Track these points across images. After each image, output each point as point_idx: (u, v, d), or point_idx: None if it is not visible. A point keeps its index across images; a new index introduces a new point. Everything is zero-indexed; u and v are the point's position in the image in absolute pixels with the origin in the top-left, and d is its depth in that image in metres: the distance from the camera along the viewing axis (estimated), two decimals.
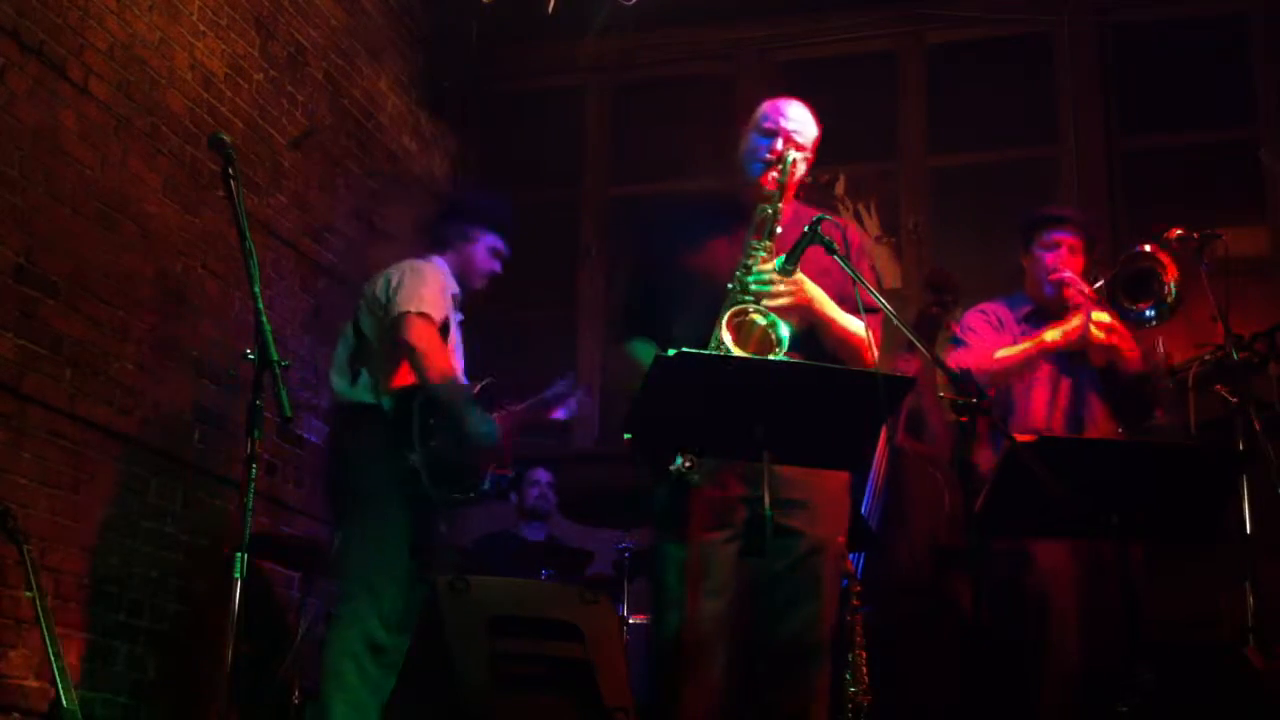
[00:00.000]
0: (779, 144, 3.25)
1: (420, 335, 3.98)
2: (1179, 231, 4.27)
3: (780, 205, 3.14)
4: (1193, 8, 6.53)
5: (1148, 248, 4.15)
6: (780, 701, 3.00)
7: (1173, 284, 4.05)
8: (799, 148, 3.26)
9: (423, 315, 4.02)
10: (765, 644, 2.99)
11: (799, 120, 3.31)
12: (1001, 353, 4.02)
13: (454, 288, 4.29)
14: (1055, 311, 4.09)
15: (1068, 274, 4.08)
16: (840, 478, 3.23)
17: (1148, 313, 4.06)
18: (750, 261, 3.09)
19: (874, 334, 3.11)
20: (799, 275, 3.07)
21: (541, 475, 5.93)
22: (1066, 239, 4.16)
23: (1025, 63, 6.75)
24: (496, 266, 4.42)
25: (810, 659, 3.07)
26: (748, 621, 3.13)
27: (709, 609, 3.04)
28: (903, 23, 6.88)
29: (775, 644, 2.98)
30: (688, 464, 2.98)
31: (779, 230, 3.13)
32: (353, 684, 3.78)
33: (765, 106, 3.37)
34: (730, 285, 3.08)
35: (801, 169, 3.27)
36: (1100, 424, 4.02)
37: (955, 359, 4.05)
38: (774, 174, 3.20)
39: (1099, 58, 6.60)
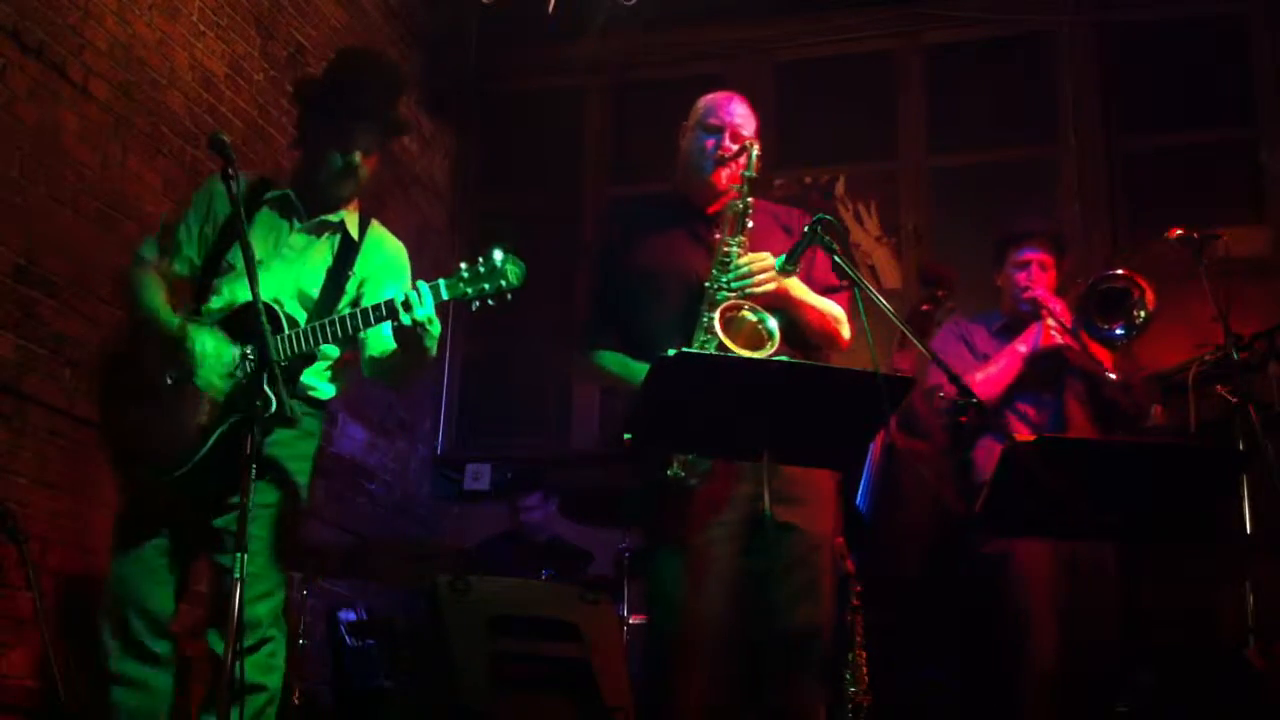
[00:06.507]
0: (726, 139, 3.26)
1: None
2: (1179, 231, 4.29)
3: (750, 200, 3.16)
4: (1193, 8, 6.52)
5: (1121, 270, 4.24)
6: (781, 700, 3.00)
7: (1145, 311, 4.12)
8: (744, 140, 3.26)
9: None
10: (764, 642, 3.00)
11: (741, 113, 3.32)
12: (979, 375, 4.12)
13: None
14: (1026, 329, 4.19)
15: (1040, 292, 4.19)
16: (832, 476, 3.25)
17: (1117, 331, 4.14)
18: (725, 258, 3.11)
19: (847, 307, 3.23)
20: (774, 262, 3.10)
21: (534, 500, 5.89)
22: (1036, 256, 4.27)
23: (1025, 63, 6.75)
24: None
25: (810, 656, 3.07)
26: (747, 620, 3.14)
27: (708, 610, 3.04)
28: (902, 23, 6.88)
29: (775, 642, 2.97)
30: (682, 470, 2.99)
31: (749, 224, 3.16)
32: None
33: (707, 103, 3.37)
34: (708, 284, 3.10)
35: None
36: (1081, 432, 4.07)
37: (942, 395, 4.20)
38: (729, 170, 3.22)
39: (1099, 58, 6.60)
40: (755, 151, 3.20)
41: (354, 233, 3.30)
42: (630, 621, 4.94)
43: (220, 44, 5.29)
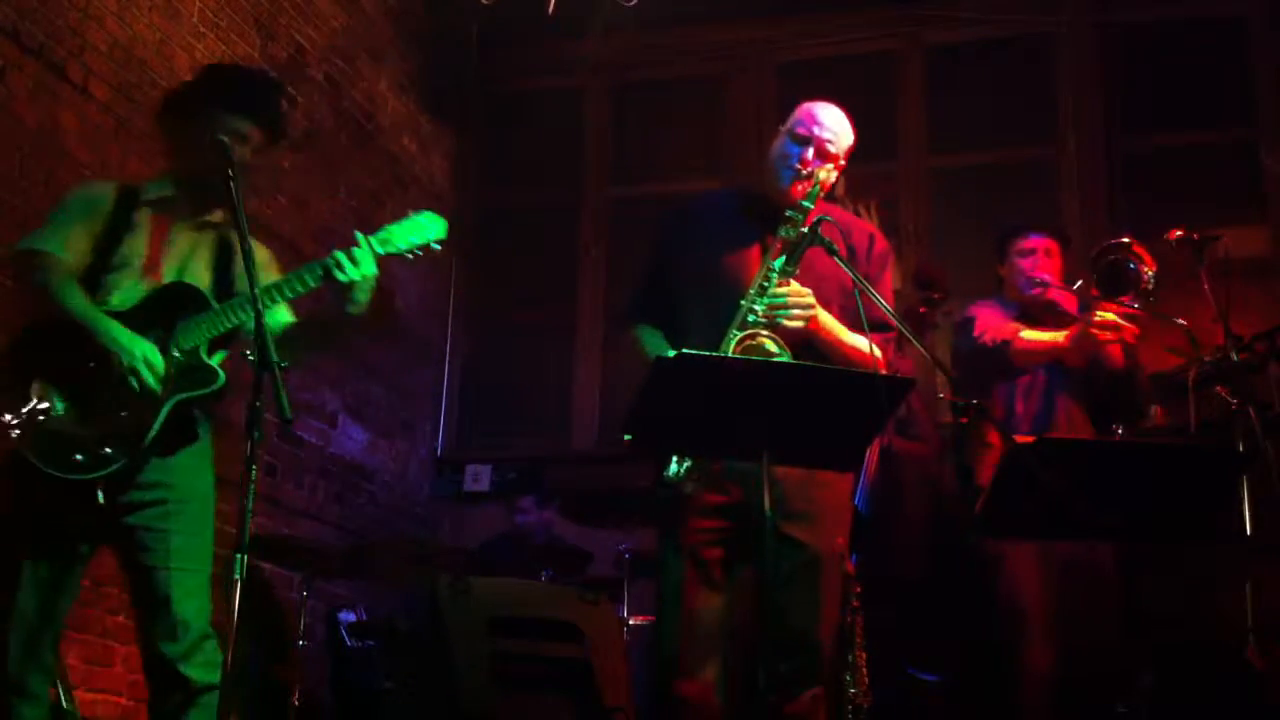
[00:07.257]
0: (810, 153, 3.19)
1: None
2: (1179, 232, 4.29)
3: (804, 229, 3.07)
4: (1193, 8, 6.53)
5: (1126, 239, 4.20)
6: (780, 705, 3.00)
7: (1150, 271, 4.08)
8: (831, 158, 3.20)
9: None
10: (765, 648, 2.99)
11: (834, 129, 3.25)
12: (1027, 334, 4.06)
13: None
14: (1037, 314, 4.16)
15: (1047, 276, 4.17)
16: (844, 486, 3.22)
17: (1134, 305, 4.10)
18: (765, 282, 3.05)
19: (886, 351, 3.11)
20: (812, 301, 3.03)
21: (528, 503, 5.90)
22: (1042, 243, 4.26)
23: (1025, 63, 6.75)
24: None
25: (810, 665, 3.06)
26: (748, 624, 3.14)
27: (706, 613, 3.04)
28: (902, 23, 6.89)
29: (775, 649, 2.97)
30: (683, 471, 2.98)
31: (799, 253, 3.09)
32: None
33: (801, 111, 3.30)
34: (743, 301, 3.03)
35: (832, 180, 3.23)
36: (1069, 423, 4.06)
37: (981, 324, 4.12)
38: (803, 187, 3.14)
39: (1099, 58, 6.60)
40: (822, 177, 3.13)
41: (228, 234, 3.30)
42: (630, 622, 4.94)
43: (220, 45, 5.29)
